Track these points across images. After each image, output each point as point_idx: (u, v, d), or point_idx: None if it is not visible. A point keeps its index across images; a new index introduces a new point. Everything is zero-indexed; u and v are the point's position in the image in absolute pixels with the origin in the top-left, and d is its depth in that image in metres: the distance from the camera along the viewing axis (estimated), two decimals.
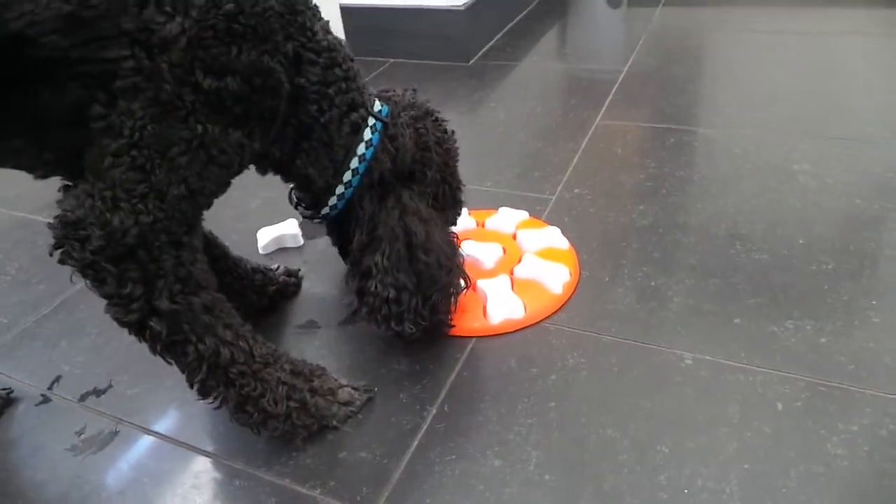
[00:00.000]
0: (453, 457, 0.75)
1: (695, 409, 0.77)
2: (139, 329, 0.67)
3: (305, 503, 0.71)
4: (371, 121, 0.78)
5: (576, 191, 1.22)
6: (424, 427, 0.79)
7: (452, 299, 0.87)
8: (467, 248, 1.03)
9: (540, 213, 1.16)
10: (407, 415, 0.80)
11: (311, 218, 0.86)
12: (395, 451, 0.76)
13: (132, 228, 0.62)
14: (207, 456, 0.78)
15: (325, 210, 0.83)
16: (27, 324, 1.03)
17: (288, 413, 0.75)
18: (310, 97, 0.73)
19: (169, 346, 0.69)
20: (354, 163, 0.78)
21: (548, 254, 1.02)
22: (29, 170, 0.66)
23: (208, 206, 0.71)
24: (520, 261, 1.01)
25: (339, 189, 0.80)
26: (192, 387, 0.72)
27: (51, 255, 0.63)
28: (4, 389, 0.89)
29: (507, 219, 1.11)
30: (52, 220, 0.63)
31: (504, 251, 1.04)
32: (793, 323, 0.87)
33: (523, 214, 1.13)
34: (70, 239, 0.62)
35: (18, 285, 1.12)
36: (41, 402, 0.88)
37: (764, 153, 1.28)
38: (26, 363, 0.95)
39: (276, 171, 0.81)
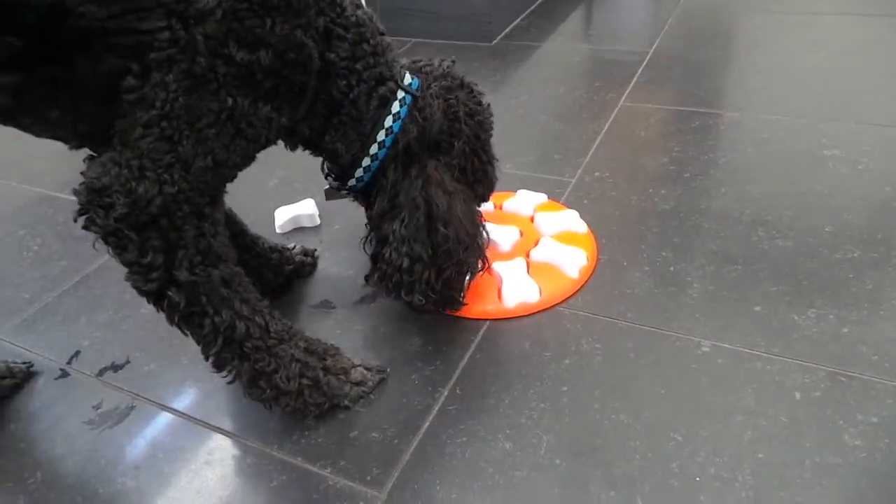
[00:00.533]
0: (464, 439, 0.74)
1: (710, 397, 0.76)
2: (157, 298, 0.67)
3: (316, 482, 0.72)
4: (400, 94, 0.78)
5: (596, 174, 1.20)
6: (436, 408, 0.78)
7: (467, 277, 0.86)
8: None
9: (559, 195, 1.14)
10: (419, 396, 0.80)
11: (338, 189, 0.86)
12: (405, 432, 0.76)
13: (156, 198, 0.62)
14: (221, 433, 0.79)
15: (352, 182, 0.82)
16: (48, 299, 1.04)
17: (300, 390, 0.76)
18: (339, 72, 0.73)
19: (186, 317, 0.69)
20: (381, 135, 0.78)
21: (565, 237, 1.01)
22: (65, 141, 0.67)
23: (232, 178, 0.72)
24: (537, 244, 1.00)
25: (366, 161, 0.80)
26: (207, 359, 0.73)
27: (75, 220, 0.64)
28: (25, 363, 0.91)
29: (525, 201, 1.10)
30: (77, 187, 0.64)
31: (521, 234, 1.03)
32: (815, 312, 0.85)
33: (542, 197, 1.12)
34: (95, 205, 0.63)
35: (40, 261, 1.14)
36: (60, 377, 0.90)
37: (793, 138, 1.24)
38: (46, 338, 0.97)
39: (306, 147, 0.81)
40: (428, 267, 0.80)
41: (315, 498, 0.70)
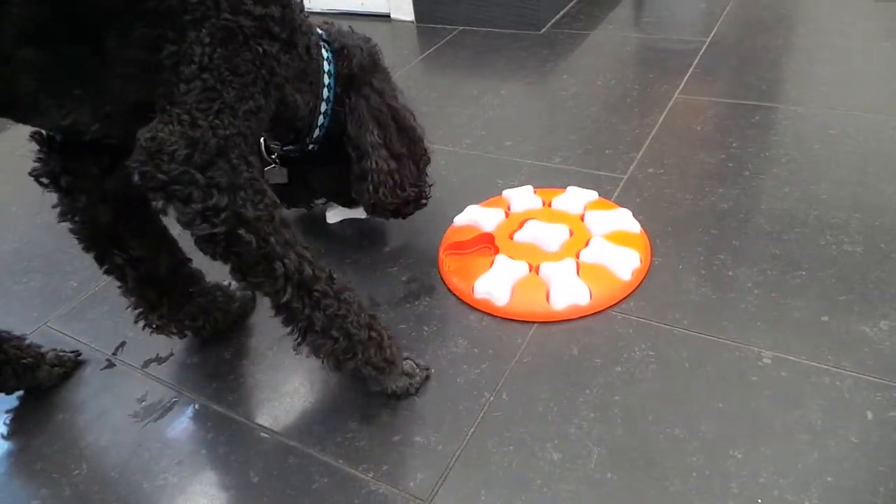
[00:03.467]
0: (510, 447, 0.72)
1: (772, 413, 0.72)
2: (227, 244, 0.64)
3: (358, 485, 0.70)
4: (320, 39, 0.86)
5: (650, 170, 1.15)
6: (481, 414, 0.76)
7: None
8: (532, 229, 0.99)
9: (610, 193, 1.10)
10: (464, 400, 0.78)
11: (299, 151, 0.91)
12: (450, 438, 0.74)
13: (211, 140, 0.63)
14: (264, 431, 0.78)
15: (317, 133, 0.89)
16: (96, 288, 1.05)
17: (368, 344, 0.73)
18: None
19: (258, 263, 0.66)
20: (326, 79, 0.86)
21: (617, 237, 0.97)
22: (82, 130, 0.67)
23: (265, 130, 0.77)
24: (587, 244, 0.96)
25: (323, 107, 0.87)
26: (277, 311, 0.70)
27: (135, 179, 0.62)
28: (73, 352, 0.91)
29: (575, 199, 1.06)
30: (132, 156, 0.62)
31: (571, 233, 0.99)
32: (888, 323, 0.80)
33: (593, 194, 1.08)
34: (156, 159, 0.61)
35: None
36: (106, 367, 0.90)
37: (863, 134, 1.17)
38: (93, 327, 0.97)
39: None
40: (410, 159, 0.94)
41: (356, 503, 0.69)
